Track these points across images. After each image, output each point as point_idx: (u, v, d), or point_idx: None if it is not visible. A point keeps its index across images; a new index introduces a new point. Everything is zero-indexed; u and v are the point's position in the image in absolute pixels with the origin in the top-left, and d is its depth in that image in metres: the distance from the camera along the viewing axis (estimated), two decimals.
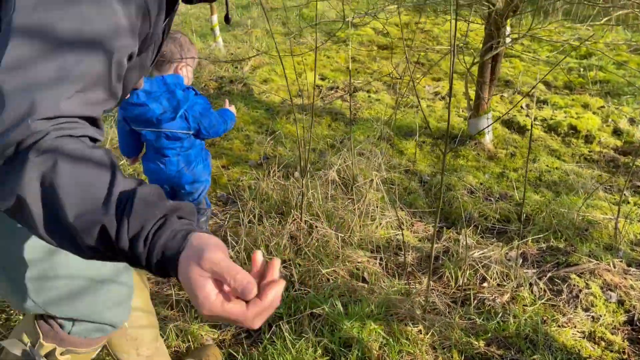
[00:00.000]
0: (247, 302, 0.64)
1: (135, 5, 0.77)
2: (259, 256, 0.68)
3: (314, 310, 1.88)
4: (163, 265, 0.65)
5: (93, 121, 0.74)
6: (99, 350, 1.24)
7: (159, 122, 2.10)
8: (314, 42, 5.33)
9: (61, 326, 1.10)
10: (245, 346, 1.80)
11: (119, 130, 2.27)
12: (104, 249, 0.65)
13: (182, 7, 7.08)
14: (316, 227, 2.31)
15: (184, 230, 0.65)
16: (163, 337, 1.79)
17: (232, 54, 4.97)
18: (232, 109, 2.33)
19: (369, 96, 4.16)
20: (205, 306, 0.62)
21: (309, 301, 1.92)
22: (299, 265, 2.14)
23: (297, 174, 2.92)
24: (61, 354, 1.11)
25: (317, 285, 2.04)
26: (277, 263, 0.67)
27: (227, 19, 1.20)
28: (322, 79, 4.60)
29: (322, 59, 4.93)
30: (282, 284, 0.66)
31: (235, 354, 1.75)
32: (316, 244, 2.24)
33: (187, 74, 2.16)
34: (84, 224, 0.63)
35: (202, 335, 1.84)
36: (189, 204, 0.72)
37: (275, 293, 0.64)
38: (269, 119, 3.81)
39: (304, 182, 2.26)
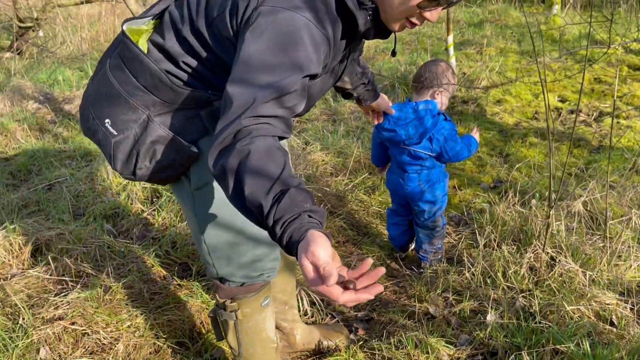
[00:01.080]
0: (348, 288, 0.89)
1: (322, 47, 1.13)
2: (368, 263, 0.92)
3: (557, 347, 1.83)
4: (289, 247, 0.94)
5: (285, 120, 1.08)
6: (266, 299, 1.53)
7: (405, 145, 2.26)
8: (551, 60, 5.07)
9: (223, 281, 1.48)
10: None
11: (373, 141, 2.52)
12: (258, 220, 0.98)
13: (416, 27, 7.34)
14: (559, 260, 2.23)
15: (307, 226, 0.92)
16: (402, 345, 1.94)
17: (464, 73, 5.00)
18: (477, 136, 2.39)
19: (618, 122, 3.81)
20: (307, 281, 0.89)
21: (552, 336, 1.87)
22: (539, 297, 2.09)
23: (534, 201, 2.83)
24: (230, 302, 1.49)
25: (560, 321, 1.97)
26: (380, 272, 0.91)
27: (393, 53, 1.47)
28: (562, 101, 4.35)
29: (562, 79, 4.66)
30: (377, 290, 0.89)
31: None
32: (559, 278, 2.16)
33: (441, 99, 2.29)
34: (252, 199, 0.96)
35: (439, 349, 1.93)
36: (322, 209, 0.99)
37: (367, 297, 0.89)
38: (502, 141, 3.76)
39: (550, 213, 2.20)
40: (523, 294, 2.13)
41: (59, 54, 7.35)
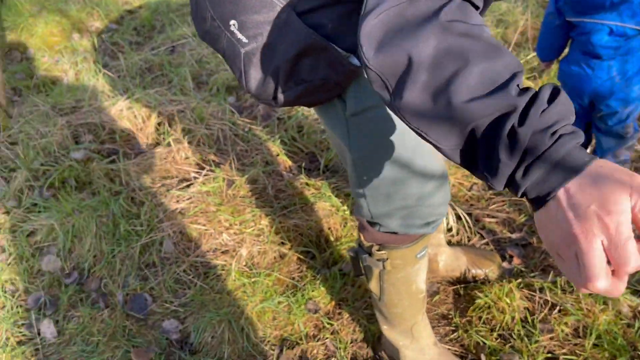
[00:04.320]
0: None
1: None
2: None
3: None
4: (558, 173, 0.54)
5: None
6: (423, 250, 1.22)
7: (613, 7, 1.66)
8: None
9: (372, 224, 1.16)
10: None
11: (544, 25, 1.92)
12: (485, 142, 0.58)
13: None
14: None
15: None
16: (571, 288, 1.58)
17: None
18: None
19: None
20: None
21: None
22: None
23: None
24: (377, 250, 1.19)
25: None
26: None
27: None
28: None
29: None
30: None
31: None
32: None
33: None
34: (478, 108, 0.56)
35: (619, 298, 1.55)
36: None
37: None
38: None
39: None
40: None
41: None
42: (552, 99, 0.56)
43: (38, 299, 1.74)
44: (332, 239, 1.84)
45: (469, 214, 1.89)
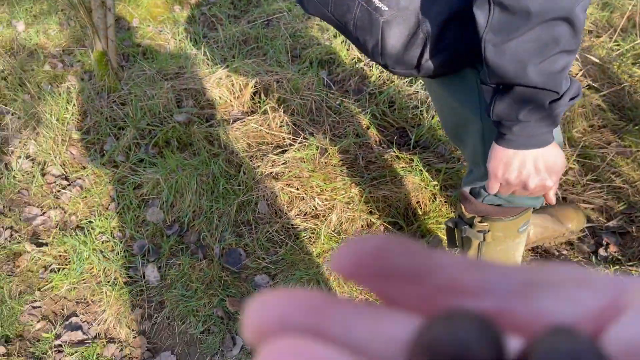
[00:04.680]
0: None
1: None
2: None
3: None
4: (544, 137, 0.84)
5: None
6: (525, 225, 1.22)
7: None
8: None
9: (476, 196, 1.18)
10: None
11: None
12: (520, 97, 0.79)
13: None
14: None
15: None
16: None
17: None
18: None
19: None
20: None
21: None
22: None
23: None
24: (480, 221, 1.21)
25: None
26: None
27: None
28: None
29: None
30: None
31: None
32: None
33: None
34: (542, 80, 0.76)
35: None
36: None
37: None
38: None
39: None
40: None
41: None
42: (574, 96, 0.80)
43: (143, 246, 1.89)
44: (419, 212, 1.86)
45: (564, 198, 1.85)
